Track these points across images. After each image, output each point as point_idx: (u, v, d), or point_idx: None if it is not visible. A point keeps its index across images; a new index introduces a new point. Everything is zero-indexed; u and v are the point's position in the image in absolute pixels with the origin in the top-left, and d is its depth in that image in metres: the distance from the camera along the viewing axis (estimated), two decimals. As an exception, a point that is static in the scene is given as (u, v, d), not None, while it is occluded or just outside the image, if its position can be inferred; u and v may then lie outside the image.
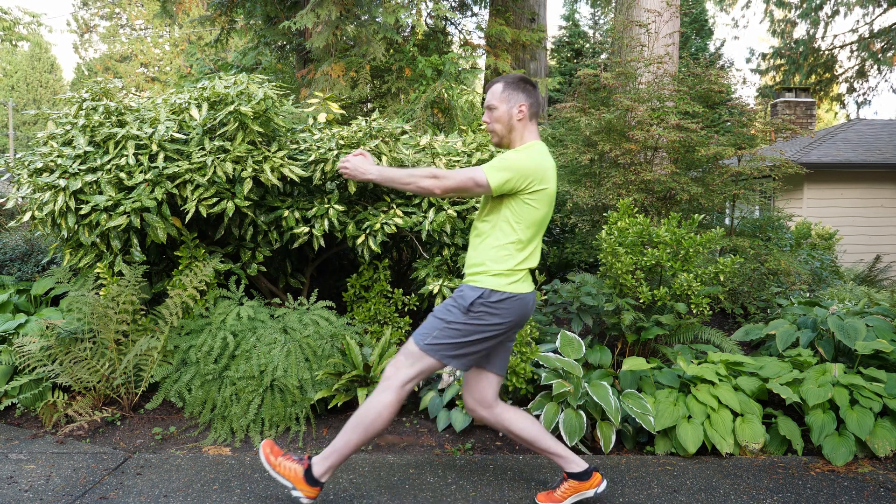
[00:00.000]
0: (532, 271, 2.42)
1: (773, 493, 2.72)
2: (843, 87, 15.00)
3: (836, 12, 13.79)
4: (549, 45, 19.74)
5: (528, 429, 2.51)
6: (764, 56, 15.57)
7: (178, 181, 3.33)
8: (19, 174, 3.46)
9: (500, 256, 2.33)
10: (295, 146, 3.73)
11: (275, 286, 4.18)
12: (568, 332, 3.55)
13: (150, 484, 2.74)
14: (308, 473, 2.36)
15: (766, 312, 4.46)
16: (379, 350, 3.45)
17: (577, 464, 2.51)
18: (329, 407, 3.48)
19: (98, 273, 3.67)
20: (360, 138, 3.69)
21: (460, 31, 9.36)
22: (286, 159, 3.51)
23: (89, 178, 3.27)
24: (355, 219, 3.72)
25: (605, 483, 2.53)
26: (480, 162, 4.55)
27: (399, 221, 3.60)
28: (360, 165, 2.37)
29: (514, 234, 2.33)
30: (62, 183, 3.24)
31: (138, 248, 3.40)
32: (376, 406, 2.34)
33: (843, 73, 14.60)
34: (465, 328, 2.32)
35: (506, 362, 2.55)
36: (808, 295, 4.75)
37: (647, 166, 4.71)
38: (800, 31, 27.49)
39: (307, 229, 3.62)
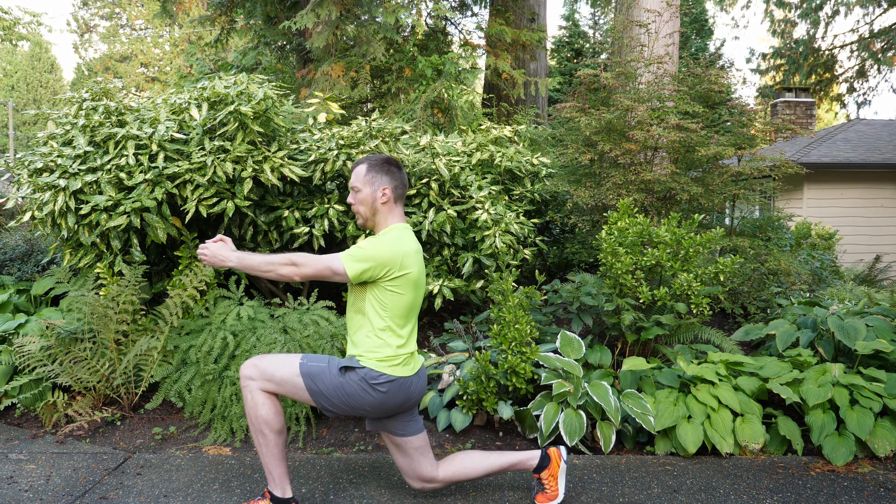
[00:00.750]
0: (413, 354, 2.41)
1: (773, 493, 2.72)
2: (843, 87, 15.00)
3: (836, 12, 13.79)
4: (549, 45, 19.75)
5: (479, 461, 2.51)
6: (764, 56, 15.57)
7: (178, 181, 3.33)
8: (19, 174, 3.46)
9: (376, 345, 2.31)
10: (295, 146, 3.74)
11: (275, 286, 4.18)
12: (568, 332, 3.55)
13: (150, 484, 2.74)
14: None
15: (766, 312, 4.46)
16: (379, 350, 3.44)
17: (533, 456, 2.54)
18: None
19: (98, 273, 3.67)
20: (360, 138, 3.69)
21: (460, 31, 9.36)
22: (286, 159, 3.51)
23: (89, 178, 3.27)
24: (355, 219, 3.72)
25: (563, 448, 2.56)
26: (480, 162, 4.55)
27: (399, 221, 3.60)
28: (220, 252, 2.32)
29: (383, 321, 2.30)
30: (62, 183, 3.24)
31: (138, 248, 3.40)
32: (256, 420, 2.33)
33: (843, 73, 14.60)
34: (339, 388, 2.29)
35: (416, 426, 2.48)
36: (808, 295, 4.75)
37: (647, 166, 4.71)
38: (800, 31, 27.50)
39: (307, 229, 3.62)
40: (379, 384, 2.29)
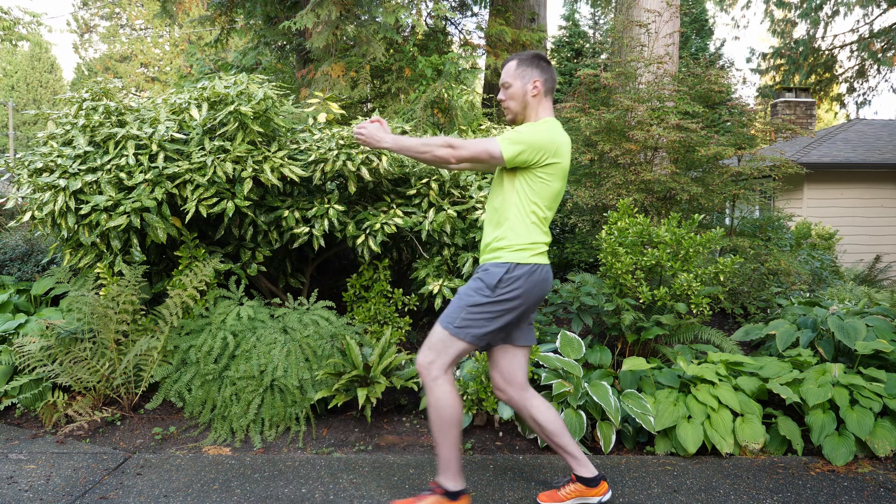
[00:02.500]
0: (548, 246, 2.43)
1: (773, 493, 2.72)
2: (843, 87, 15.00)
3: (836, 12, 13.78)
4: (549, 45, 19.75)
5: (553, 422, 2.49)
6: (764, 56, 15.56)
7: (178, 181, 3.33)
8: (19, 174, 3.46)
9: (519, 231, 2.32)
10: (295, 146, 3.73)
11: (275, 286, 4.18)
12: (568, 332, 3.55)
13: (150, 484, 2.74)
14: (448, 494, 2.38)
15: (766, 312, 4.46)
16: (379, 350, 3.45)
17: (589, 469, 2.50)
18: (329, 407, 3.48)
19: (98, 273, 3.67)
20: (360, 138, 3.68)
21: (460, 31, 9.36)
22: (286, 159, 3.51)
23: (89, 178, 3.27)
24: (355, 219, 3.72)
25: (610, 493, 2.52)
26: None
27: (399, 221, 3.60)
28: (376, 133, 2.37)
29: (530, 206, 2.32)
30: (62, 183, 3.24)
31: (138, 248, 3.39)
32: (441, 401, 2.33)
33: (843, 73, 14.59)
34: (491, 307, 2.31)
35: (532, 333, 2.52)
36: (808, 295, 4.75)
37: (647, 166, 4.71)
38: (800, 31, 27.48)
39: (307, 229, 3.62)
40: (524, 274, 2.30)
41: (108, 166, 3.31)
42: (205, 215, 3.43)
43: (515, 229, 2.33)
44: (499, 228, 2.36)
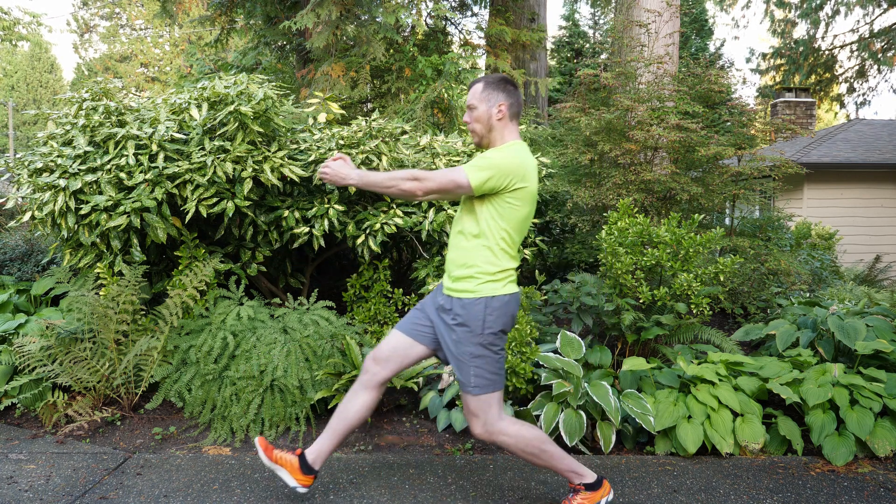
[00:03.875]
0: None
1: (773, 493, 2.72)
2: (843, 88, 15.00)
3: (836, 12, 13.78)
4: (549, 45, 19.75)
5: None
6: (764, 56, 15.57)
7: (178, 181, 3.33)
8: (19, 174, 3.46)
9: (488, 258, 2.29)
10: (295, 146, 3.73)
11: (275, 286, 4.18)
12: (568, 332, 3.55)
13: (150, 484, 2.74)
14: (590, 486, 2.40)
15: (766, 312, 4.46)
16: (379, 350, 3.44)
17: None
18: (329, 407, 3.48)
19: (98, 273, 3.67)
20: (360, 138, 3.69)
21: (460, 31, 9.35)
22: (286, 159, 3.51)
23: (89, 178, 3.27)
24: (355, 219, 3.72)
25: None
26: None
27: (399, 221, 3.60)
28: (340, 170, 2.34)
29: (500, 233, 2.30)
30: (62, 183, 3.24)
31: (138, 248, 3.40)
32: (520, 441, 2.34)
33: (843, 73, 14.60)
34: (489, 348, 2.31)
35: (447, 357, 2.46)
36: (808, 295, 4.75)
37: (647, 166, 4.71)
38: (800, 31, 27.50)
39: (307, 229, 3.62)
40: (500, 305, 2.29)
41: (108, 166, 3.31)
42: (205, 215, 3.43)
43: (485, 256, 2.30)
44: (467, 255, 2.32)
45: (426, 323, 2.44)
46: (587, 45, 20.42)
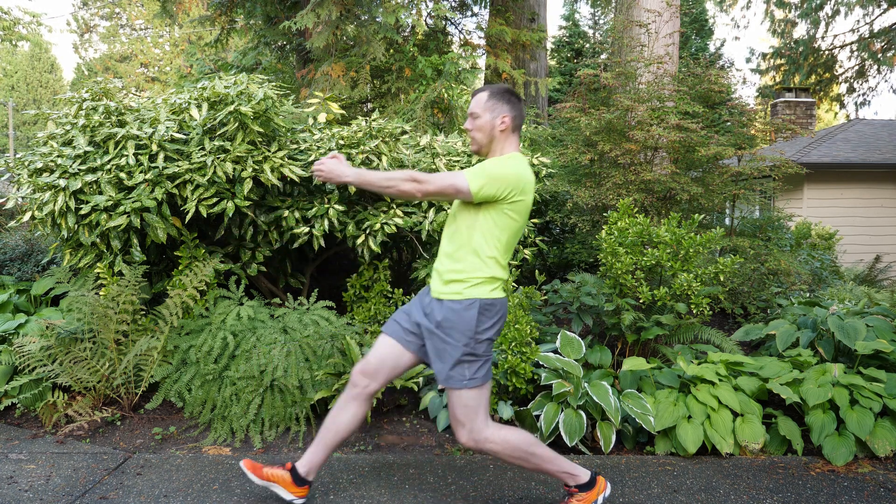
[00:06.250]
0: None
1: (773, 493, 2.72)
2: (843, 88, 14.99)
3: (836, 12, 13.78)
4: (549, 45, 19.74)
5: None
6: (764, 56, 15.56)
7: (178, 181, 3.33)
8: (19, 174, 3.46)
9: (478, 265, 2.29)
10: (295, 146, 3.73)
11: (275, 286, 4.18)
12: (568, 332, 3.55)
13: (150, 484, 2.74)
14: (583, 486, 2.40)
15: (766, 312, 4.46)
16: (379, 350, 3.44)
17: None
18: (329, 407, 3.48)
19: (98, 273, 3.67)
20: (360, 138, 3.69)
21: (460, 31, 9.36)
22: (286, 159, 3.51)
23: (89, 178, 3.27)
24: (355, 219, 3.72)
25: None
26: (480, 162, 4.55)
27: (399, 221, 3.60)
28: (336, 168, 2.31)
29: (493, 242, 2.29)
30: (62, 183, 3.24)
31: (138, 248, 3.40)
32: (507, 446, 2.33)
33: (843, 73, 14.59)
34: (480, 346, 2.31)
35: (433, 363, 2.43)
36: (808, 295, 4.75)
37: (647, 166, 4.71)
38: (800, 30, 27.48)
39: (307, 229, 3.62)
40: (489, 308, 2.29)
41: (108, 166, 3.31)
42: (205, 215, 3.43)
43: (475, 263, 2.29)
44: (458, 262, 2.31)
45: (414, 330, 2.42)
46: (587, 45, 20.42)
